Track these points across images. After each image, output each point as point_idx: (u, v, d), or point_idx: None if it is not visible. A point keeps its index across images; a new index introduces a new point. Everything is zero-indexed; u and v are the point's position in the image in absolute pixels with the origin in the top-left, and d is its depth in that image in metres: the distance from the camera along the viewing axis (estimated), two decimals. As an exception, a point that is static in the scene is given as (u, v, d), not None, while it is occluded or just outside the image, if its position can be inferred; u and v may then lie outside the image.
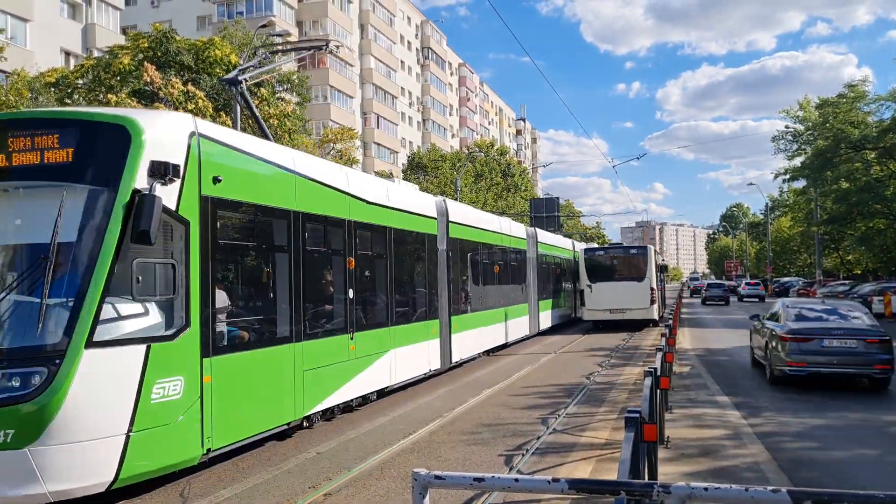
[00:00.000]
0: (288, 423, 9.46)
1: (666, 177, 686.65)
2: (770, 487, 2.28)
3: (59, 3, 38.44)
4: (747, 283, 59.98)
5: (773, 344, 13.62)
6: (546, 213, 48.92)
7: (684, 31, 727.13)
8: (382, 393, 12.68)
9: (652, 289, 27.70)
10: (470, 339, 17.41)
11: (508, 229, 22.37)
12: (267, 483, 7.75)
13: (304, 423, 10.09)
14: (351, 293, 11.29)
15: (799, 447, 9.19)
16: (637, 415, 4.36)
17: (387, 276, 12.99)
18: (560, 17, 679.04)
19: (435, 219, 15.62)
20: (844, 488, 2.60)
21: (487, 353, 19.53)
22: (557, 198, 56.90)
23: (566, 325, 30.46)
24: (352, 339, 11.25)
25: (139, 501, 7.15)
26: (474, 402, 12.41)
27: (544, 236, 28.23)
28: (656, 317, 28.52)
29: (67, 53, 38.76)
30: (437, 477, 2.59)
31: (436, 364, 15.15)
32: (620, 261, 28.88)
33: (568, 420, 10.77)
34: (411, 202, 14.46)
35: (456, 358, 16.34)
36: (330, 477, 7.86)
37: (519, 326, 22.58)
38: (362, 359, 11.62)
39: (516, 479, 2.51)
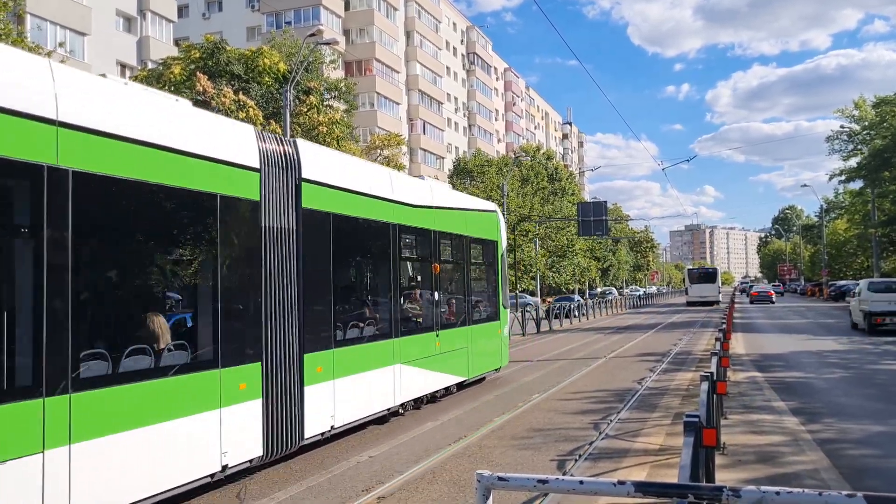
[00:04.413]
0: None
1: (716, 179, 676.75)
2: (845, 492, 2.22)
3: (114, 18, 39.50)
4: (773, 285, 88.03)
5: (748, 294, 69.33)
6: (594, 217, 48.48)
7: (735, 31, 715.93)
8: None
9: (719, 287, 59.47)
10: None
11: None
12: (320, 486, 7.82)
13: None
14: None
15: (861, 454, 8.93)
16: (696, 419, 4.29)
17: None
18: (607, 21, 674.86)
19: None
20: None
21: None
22: (605, 202, 56.30)
23: (621, 327, 30.10)
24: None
25: (197, 502, 7.28)
26: (525, 408, 12.36)
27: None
28: (721, 301, 56.27)
29: (123, 66, 39.79)
30: (501, 478, 2.58)
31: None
32: (704, 274, 60.55)
33: (620, 425, 10.65)
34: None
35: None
36: (382, 481, 7.90)
37: None
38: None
39: (581, 482, 2.48)
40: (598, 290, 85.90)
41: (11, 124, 5.30)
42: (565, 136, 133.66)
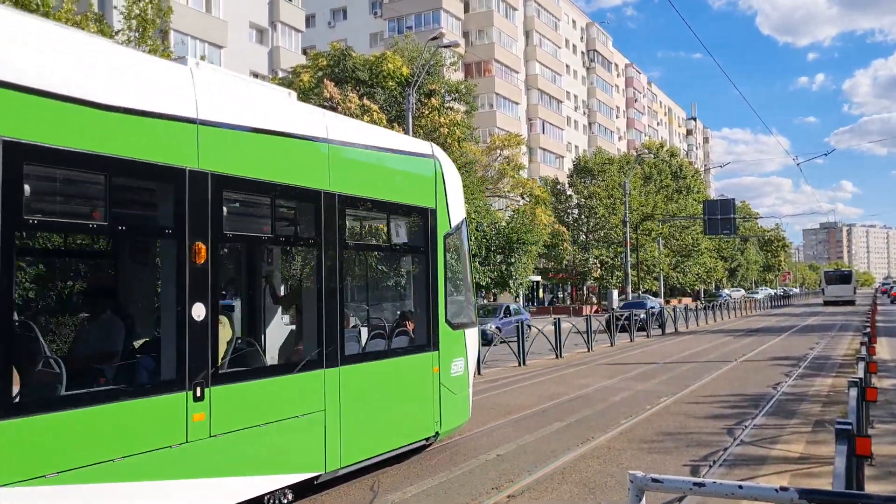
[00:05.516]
0: None
1: (855, 174, 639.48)
2: None
3: (248, 30, 41.55)
4: None
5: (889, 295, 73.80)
6: (721, 215, 46.82)
7: (875, 17, 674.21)
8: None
9: (854, 288, 65.29)
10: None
11: None
12: (451, 482, 7.97)
13: None
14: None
15: None
16: (849, 427, 4.11)
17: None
18: (733, 11, 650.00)
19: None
20: None
21: None
22: (732, 199, 54.17)
23: (751, 329, 28.92)
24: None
25: (333, 492, 7.58)
26: (653, 411, 12.11)
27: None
28: (855, 300, 61.63)
29: (256, 75, 41.71)
30: (655, 479, 2.57)
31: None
32: (840, 275, 66.81)
33: (756, 431, 10.26)
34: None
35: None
36: (511, 479, 7.96)
37: None
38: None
39: (739, 486, 2.43)
40: (725, 291, 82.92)
41: None
42: (689, 132, 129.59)
